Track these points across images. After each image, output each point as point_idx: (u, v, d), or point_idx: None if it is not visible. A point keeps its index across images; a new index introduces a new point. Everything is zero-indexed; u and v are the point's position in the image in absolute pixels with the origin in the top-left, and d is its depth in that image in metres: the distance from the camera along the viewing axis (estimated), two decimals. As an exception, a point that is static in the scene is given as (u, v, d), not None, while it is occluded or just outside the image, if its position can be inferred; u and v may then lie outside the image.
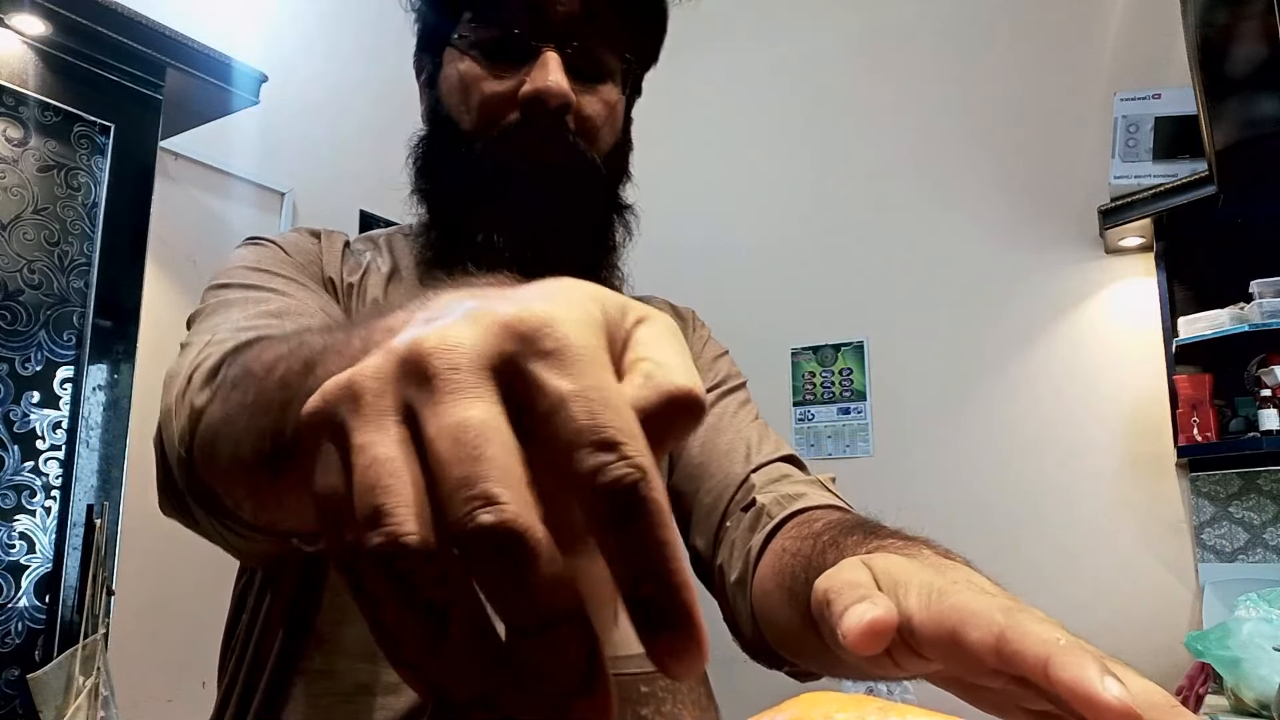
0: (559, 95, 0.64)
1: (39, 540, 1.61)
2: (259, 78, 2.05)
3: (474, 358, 0.23)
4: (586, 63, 0.68)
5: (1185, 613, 2.32)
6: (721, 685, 0.72)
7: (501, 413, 0.22)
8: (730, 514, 0.68)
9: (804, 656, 0.59)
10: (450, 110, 0.69)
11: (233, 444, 0.41)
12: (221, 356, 0.48)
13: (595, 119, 0.68)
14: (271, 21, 2.58)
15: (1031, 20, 2.77)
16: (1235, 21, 1.55)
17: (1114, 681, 0.26)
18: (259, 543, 0.49)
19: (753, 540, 0.63)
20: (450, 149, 0.70)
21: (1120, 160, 2.33)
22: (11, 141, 1.64)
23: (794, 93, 3.17)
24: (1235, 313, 2.11)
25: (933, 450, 2.74)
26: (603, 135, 0.70)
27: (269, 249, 0.69)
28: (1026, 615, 0.29)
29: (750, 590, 0.63)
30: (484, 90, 0.67)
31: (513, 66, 0.66)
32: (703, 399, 0.24)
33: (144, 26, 1.80)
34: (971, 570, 0.38)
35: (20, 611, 1.58)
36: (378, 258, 0.74)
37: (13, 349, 1.61)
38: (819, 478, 0.70)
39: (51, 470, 1.64)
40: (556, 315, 0.23)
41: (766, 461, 0.70)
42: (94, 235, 1.74)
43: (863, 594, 0.32)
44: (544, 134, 0.65)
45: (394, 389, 0.23)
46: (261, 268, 0.65)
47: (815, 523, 0.59)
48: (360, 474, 0.22)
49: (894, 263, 2.89)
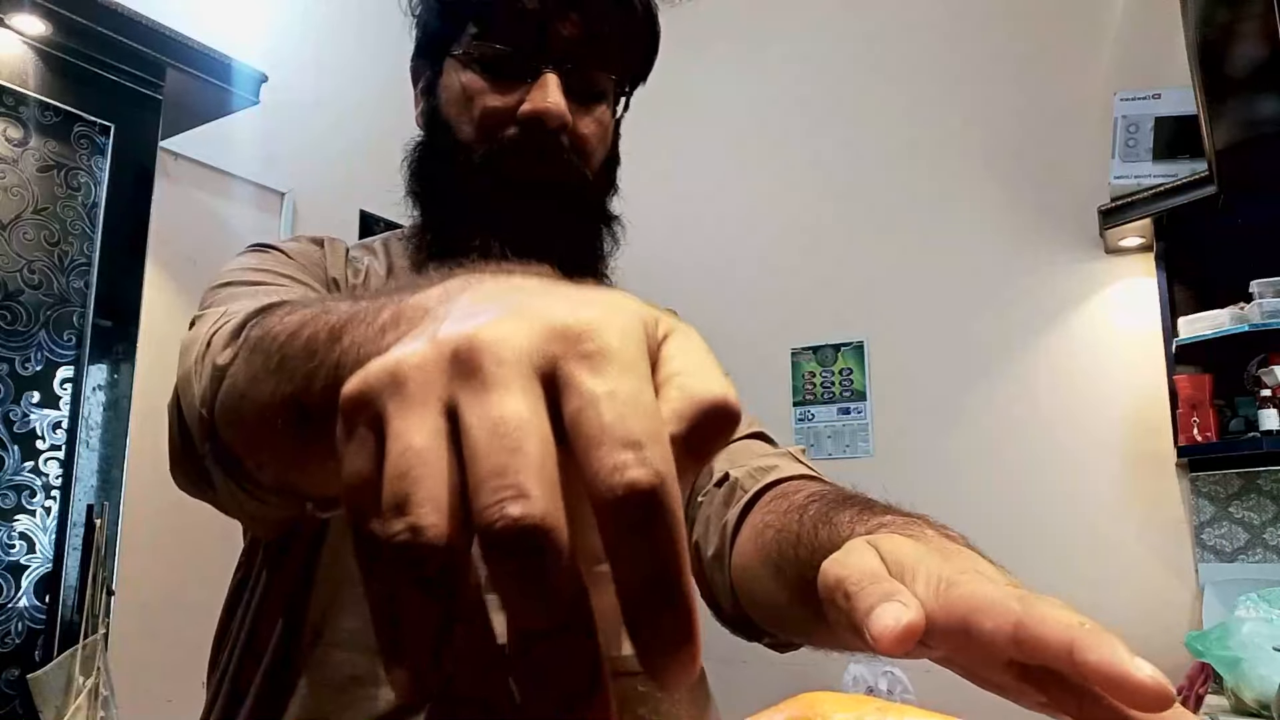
0: (558, 116, 0.67)
1: (39, 540, 1.61)
2: (259, 78, 2.05)
3: (520, 355, 0.23)
4: (583, 83, 0.71)
5: (1185, 613, 2.32)
6: (720, 685, 0.72)
7: (543, 411, 0.22)
8: (701, 488, 0.70)
9: (788, 630, 0.59)
10: (449, 119, 0.72)
11: (258, 406, 0.41)
12: (245, 319, 0.48)
13: (589, 138, 0.72)
14: (271, 21, 2.58)
15: (1031, 20, 2.77)
16: (1235, 21, 1.55)
17: (1144, 661, 0.26)
18: (275, 508, 0.50)
19: (728, 515, 0.65)
20: (448, 157, 0.72)
21: (1120, 160, 2.33)
22: (11, 141, 1.64)
23: (794, 93, 3.17)
24: (1235, 313, 2.11)
25: (933, 450, 2.74)
26: (595, 153, 0.73)
27: (271, 254, 0.70)
28: (1043, 602, 0.29)
29: (729, 565, 0.63)
30: (485, 104, 0.69)
31: (513, 83, 0.69)
32: (736, 407, 0.24)
33: (144, 26, 1.80)
34: (975, 554, 0.38)
35: (20, 611, 1.58)
36: (374, 262, 0.76)
37: (13, 349, 1.61)
38: (789, 450, 0.71)
39: (51, 470, 1.64)
40: (603, 321, 0.23)
41: (734, 439, 0.71)
42: (94, 235, 1.74)
43: (887, 590, 0.31)
44: (541, 151, 0.68)
45: (439, 381, 0.23)
46: (264, 268, 0.67)
47: (795, 495, 0.59)
48: (392, 461, 0.22)
49: (894, 263, 2.89)
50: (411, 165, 0.76)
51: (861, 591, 0.31)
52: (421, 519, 0.21)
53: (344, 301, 0.37)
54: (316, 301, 0.42)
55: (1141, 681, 0.25)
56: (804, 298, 3.02)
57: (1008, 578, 0.34)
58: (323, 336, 0.35)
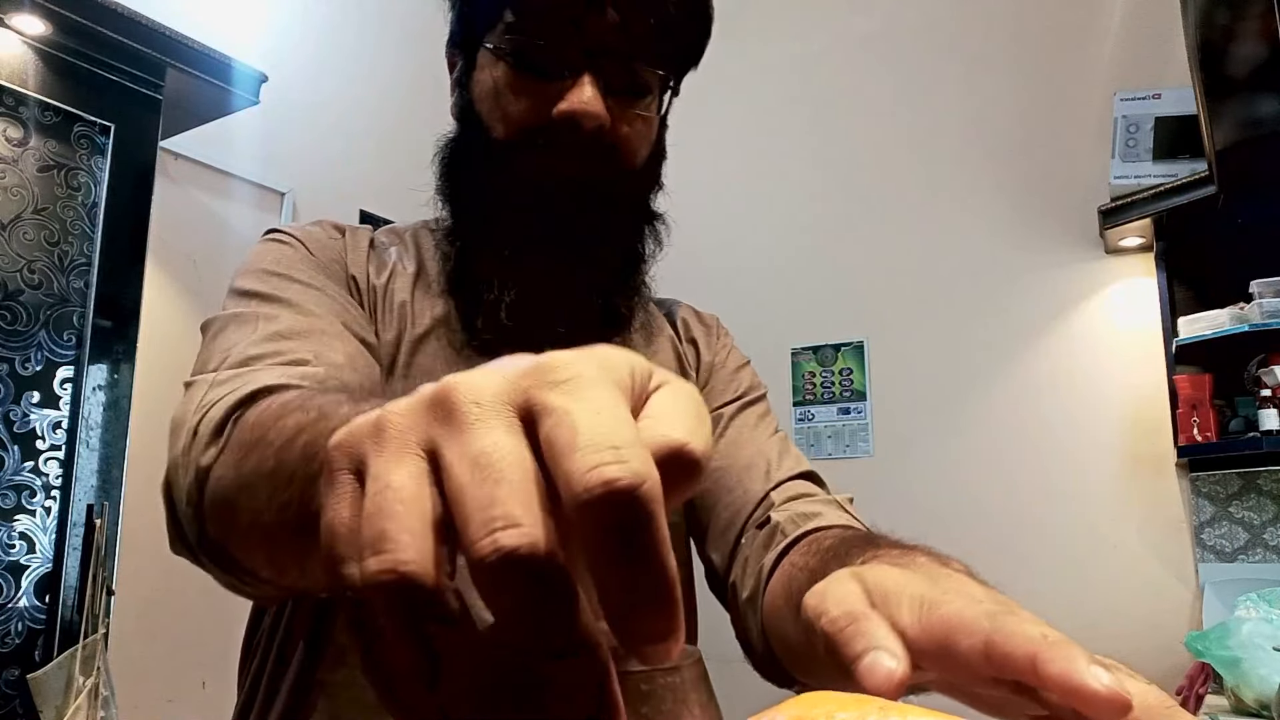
0: (594, 117, 0.63)
1: (39, 540, 1.61)
2: (259, 78, 2.05)
3: (497, 394, 0.23)
4: (623, 78, 0.66)
5: (1185, 613, 2.32)
6: (722, 685, 0.72)
7: (524, 443, 0.22)
8: (746, 530, 0.67)
9: (813, 674, 0.57)
10: (482, 115, 0.68)
11: (252, 512, 0.41)
12: (226, 412, 0.47)
13: (632, 135, 0.68)
14: (271, 21, 2.58)
15: (1032, 20, 2.77)
16: (1235, 21, 1.55)
17: (1101, 670, 0.25)
18: (275, 595, 0.49)
19: (765, 558, 0.63)
20: (479, 155, 0.68)
21: (1120, 160, 2.33)
22: (11, 141, 1.64)
23: (794, 93, 3.17)
24: (1235, 313, 2.11)
25: (933, 450, 2.74)
26: (639, 150, 0.69)
27: (292, 248, 0.67)
28: (1012, 617, 0.28)
29: (761, 608, 0.62)
30: (518, 101, 0.65)
31: (549, 80, 0.65)
32: (696, 455, 0.23)
33: (144, 26, 1.80)
34: (967, 578, 0.37)
35: (20, 611, 1.58)
36: (404, 256, 0.73)
37: (13, 349, 1.61)
38: (837, 498, 0.69)
39: (51, 470, 1.64)
40: (579, 356, 0.24)
41: (786, 479, 0.69)
42: (94, 235, 1.74)
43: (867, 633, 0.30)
44: (576, 150, 0.64)
45: (419, 426, 0.23)
46: (280, 271, 0.64)
47: (826, 539, 0.58)
48: (370, 500, 0.22)
49: (894, 263, 2.89)
50: (443, 162, 0.72)
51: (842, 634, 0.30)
52: (397, 554, 0.21)
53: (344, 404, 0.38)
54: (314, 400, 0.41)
55: (1096, 691, 0.25)
56: (804, 298, 3.02)
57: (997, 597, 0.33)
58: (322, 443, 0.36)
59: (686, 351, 0.79)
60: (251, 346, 0.56)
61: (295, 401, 0.43)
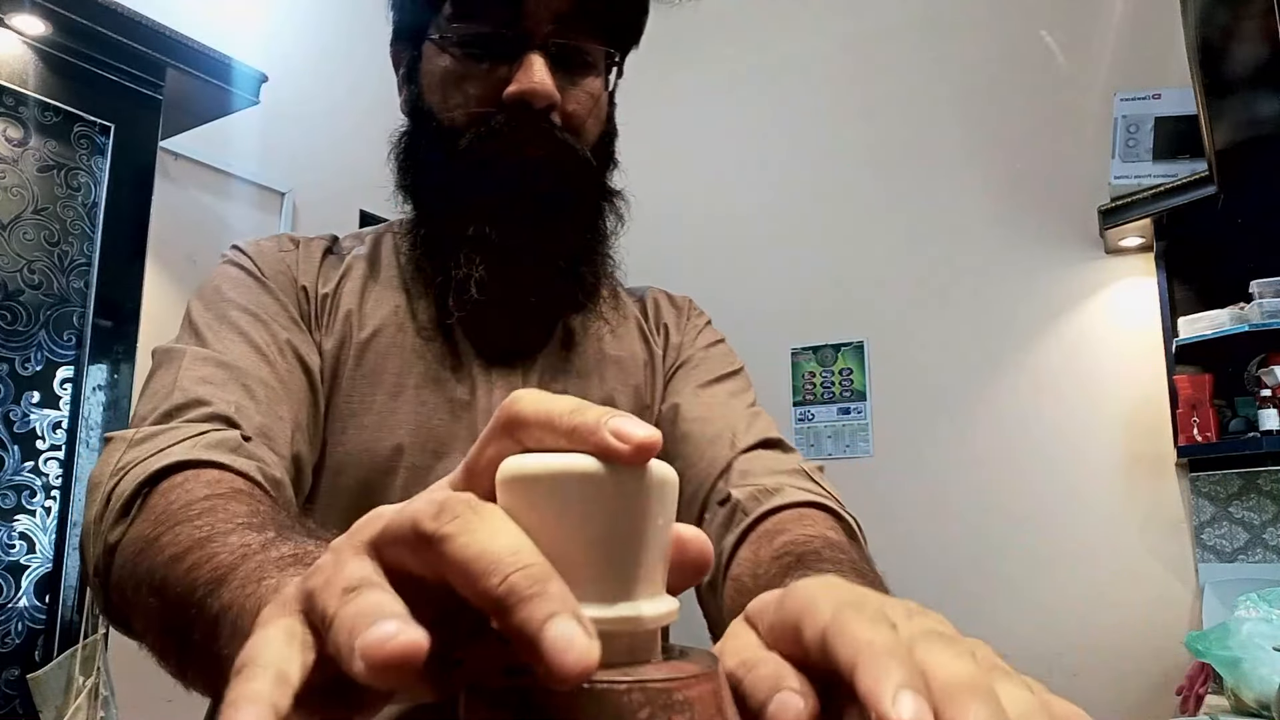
0: (544, 96, 0.64)
1: (39, 540, 1.61)
2: (259, 78, 2.05)
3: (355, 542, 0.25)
4: (569, 56, 0.67)
5: (1185, 613, 2.32)
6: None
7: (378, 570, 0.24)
8: (709, 506, 0.68)
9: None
10: (433, 107, 0.69)
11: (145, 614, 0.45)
12: (136, 487, 0.50)
13: (580, 112, 0.68)
14: (271, 21, 2.58)
15: (1031, 21, 2.77)
16: (1235, 21, 1.54)
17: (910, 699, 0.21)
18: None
19: (725, 540, 0.63)
20: (434, 146, 0.69)
21: (1120, 160, 2.33)
22: (11, 141, 1.64)
23: (794, 93, 3.17)
24: (1235, 313, 2.11)
25: (933, 450, 2.74)
26: (588, 127, 0.70)
27: (244, 269, 0.69)
28: (855, 610, 0.24)
29: (721, 596, 0.62)
30: (467, 88, 0.66)
31: (496, 63, 0.66)
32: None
33: (144, 26, 1.80)
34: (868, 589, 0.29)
35: (20, 611, 1.58)
36: (360, 253, 0.74)
37: (13, 349, 1.61)
38: (804, 466, 0.69)
39: (51, 470, 1.64)
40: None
41: (749, 446, 0.69)
42: (94, 235, 1.74)
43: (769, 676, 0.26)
44: (529, 131, 0.65)
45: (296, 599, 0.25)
46: (227, 297, 0.67)
47: (777, 538, 0.58)
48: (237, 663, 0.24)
49: (894, 263, 2.89)
50: (398, 158, 0.73)
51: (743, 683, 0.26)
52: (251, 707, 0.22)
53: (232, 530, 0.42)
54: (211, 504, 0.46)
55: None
56: (804, 298, 3.02)
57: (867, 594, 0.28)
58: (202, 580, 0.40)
59: (654, 336, 0.80)
60: (179, 393, 0.58)
61: (197, 506, 0.46)
